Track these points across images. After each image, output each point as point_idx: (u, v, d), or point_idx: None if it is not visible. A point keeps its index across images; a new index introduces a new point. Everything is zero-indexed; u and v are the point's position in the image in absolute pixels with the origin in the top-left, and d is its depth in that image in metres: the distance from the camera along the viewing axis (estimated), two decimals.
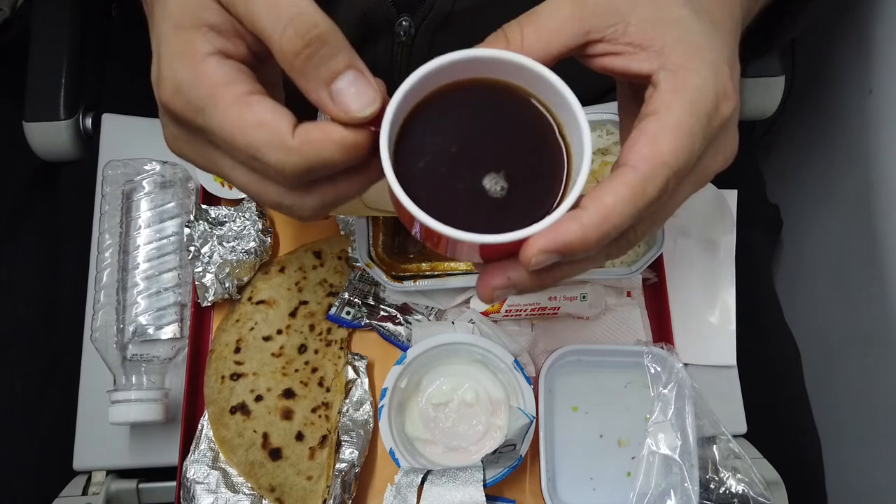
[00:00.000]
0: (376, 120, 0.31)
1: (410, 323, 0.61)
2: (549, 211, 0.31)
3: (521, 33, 0.33)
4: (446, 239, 0.31)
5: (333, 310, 0.61)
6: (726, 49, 0.35)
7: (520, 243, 0.31)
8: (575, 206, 0.31)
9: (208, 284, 0.60)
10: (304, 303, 0.62)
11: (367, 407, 0.58)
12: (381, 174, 0.31)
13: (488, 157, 0.33)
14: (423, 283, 0.59)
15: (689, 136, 0.32)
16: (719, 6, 0.37)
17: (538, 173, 0.34)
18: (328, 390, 0.59)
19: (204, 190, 0.63)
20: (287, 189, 0.33)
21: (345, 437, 0.57)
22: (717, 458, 0.58)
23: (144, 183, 0.62)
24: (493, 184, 0.33)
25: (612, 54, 0.34)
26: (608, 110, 0.61)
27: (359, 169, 0.33)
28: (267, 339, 0.61)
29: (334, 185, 0.33)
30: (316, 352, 0.60)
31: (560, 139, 0.34)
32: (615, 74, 0.35)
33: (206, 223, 0.61)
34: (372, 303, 0.62)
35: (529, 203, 0.33)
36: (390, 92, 0.31)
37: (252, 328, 0.61)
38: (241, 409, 0.58)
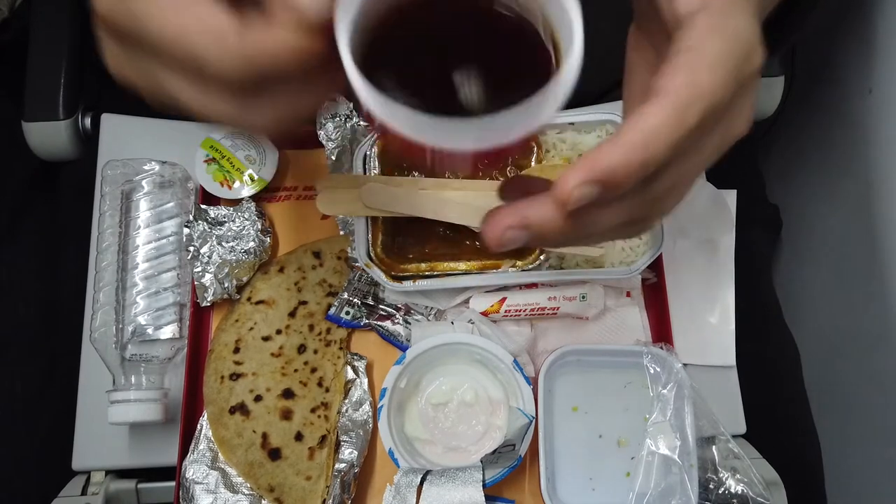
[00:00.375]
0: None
1: (410, 323, 0.61)
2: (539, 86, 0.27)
3: None
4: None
5: (333, 310, 0.61)
6: (755, 6, 0.34)
7: (511, 147, 0.27)
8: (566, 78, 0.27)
9: (207, 284, 0.60)
10: (304, 303, 0.62)
11: (367, 407, 0.58)
12: (344, 84, 0.27)
13: (467, 55, 0.29)
14: (422, 284, 0.59)
15: (725, 74, 0.29)
16: None
17: (521, 68, 0.30)
18: (327, 390, 0.59)
19: (203, 190, 0.63)
20: (234, 99, 0.30)
21: (344, 438, 0.57)
22: (717, 458, 0.58)
23: (144, 183, 0.62)
24: (475, 81, 0.29)
25: None
26: (608, 110, 0.61)
27: (318, 77, 0.30)
28: (266, 339, 0.61)
29: (290, 94, 0.30)
30: (315, 352, 0.60)
31: (542, 33, 0.30)
32: (650, 7, 0.32)
33: (205, 223, 0.61)
34: (371, 303, 0.62)
35: (516, 91, 0.28)
36: None
37: (251, 328, 0.61)
38: (241, 409, 0.58)
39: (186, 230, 0.60)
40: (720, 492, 0.56)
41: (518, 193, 0.33)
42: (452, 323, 0.60)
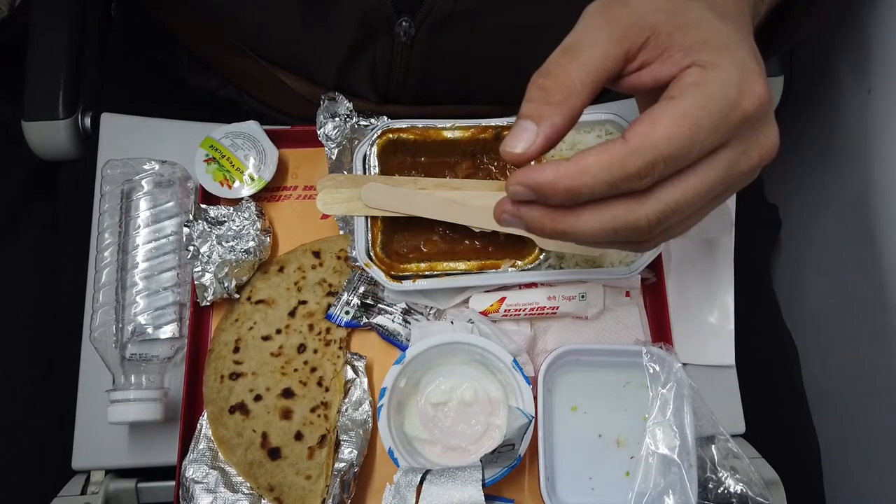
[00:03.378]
0: None
1: (409, 322, 0.61)
2: None
3: (568, 72, 0.34)
4: None
5: (332, 309, 0.61)
6: (748, 46, 0.35)
7: None
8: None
9: (207, 284, 0.60)
10: (303, 302, 0.62)
11: (366, 406, 0.59)
12: None
13: None
14: (421, 283, 0.59)
15: (692, 127, 0.32)
16: (732, 5, 0.37)
17: None
18: (327, 390, 0.59)
19: (203, 189, 0.63)
20: None
21: (344, 437, 0.57)
22: (716, 457, 0.58)
23: (143, 182, 0.62)
24: None
25: (644, 66, 0.35)
26: (608, 110, 0.61)
27: None
28: (266, 338, 0.61)
29: None
30: (315, 351, 0.60)
31: None
32: (644, 88, 0.36)
33: (205, 223, 0.61)
34: (371, 302, 0.62)
35: None
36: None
37: (251, 328, 0.61)
38: (240, 408, 0.58)
39: (186, 230, 0.60)
40: (719, 491, 0.57)
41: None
42: (452, 322, 0.60)
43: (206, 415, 0.59)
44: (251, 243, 0.61)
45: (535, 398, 0.57)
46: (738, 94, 0.33)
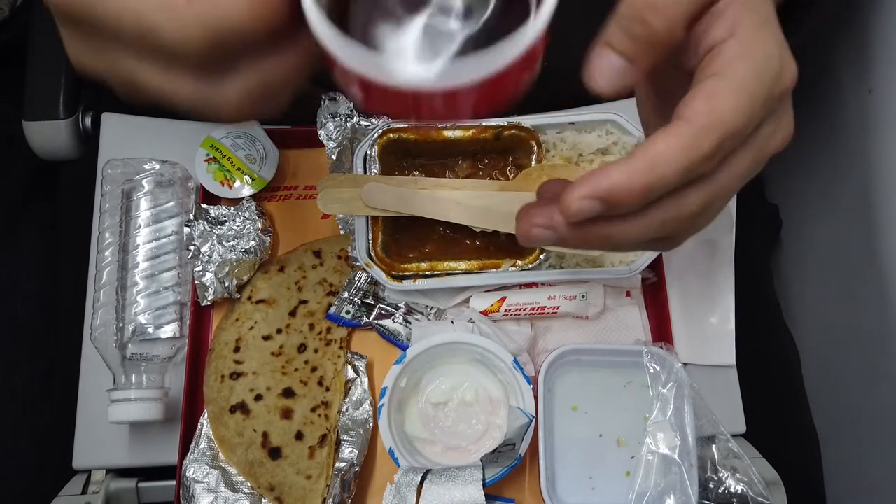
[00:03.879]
0: None
1: (410, 322, 0.61)
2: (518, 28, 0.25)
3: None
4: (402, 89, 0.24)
5: (333, 309, 0.61)
6: (778, 26, 0.34)
7: (506, 75, 0.25)
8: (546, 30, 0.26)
9: (208, 283, 0.60)
10: (304, 302, 0.62)
11: (367, 406, 0.59)
12: (315, 47, 0.25)
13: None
14: (422, 283, 0.59)
15: (749, 98, 0.30)
16: None
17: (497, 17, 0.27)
18: (328, 389, 0.59)
19: (204, 189, 0.63)
20: (199, 77, 0.28)
21: (344, 437, 0.57)
22: (716, 457, 0.58)
23: (144, 182, 0.62)
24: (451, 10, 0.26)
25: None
26: (608, 110, 0.61)
27: (287, 43, 0.28)
28: (266, 338, 0.61)
29: (258, 65, 0.28)
30: (315, 351, 0.60)
31: None
32: (681, 51, 0.33)
33: (205, 222, 0.61)
34: (371, 302, 0.62)
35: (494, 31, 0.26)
36: None
37: (252, 327, 0.61)
38: (241, 408, 0.58)
39: (187, 229, 0.60)
40: (720, 491, 0.57)
41: (554, 195, 0.34)
42: (452, 322, 0.60)
43: (206, 414, 0.59)
44: (252, 243, 0.61)
45: (536, 398, 0.57)
46: (781, 68, 0.32)
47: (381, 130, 0.61)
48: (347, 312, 0.61)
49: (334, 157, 0.62)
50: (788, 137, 0.35)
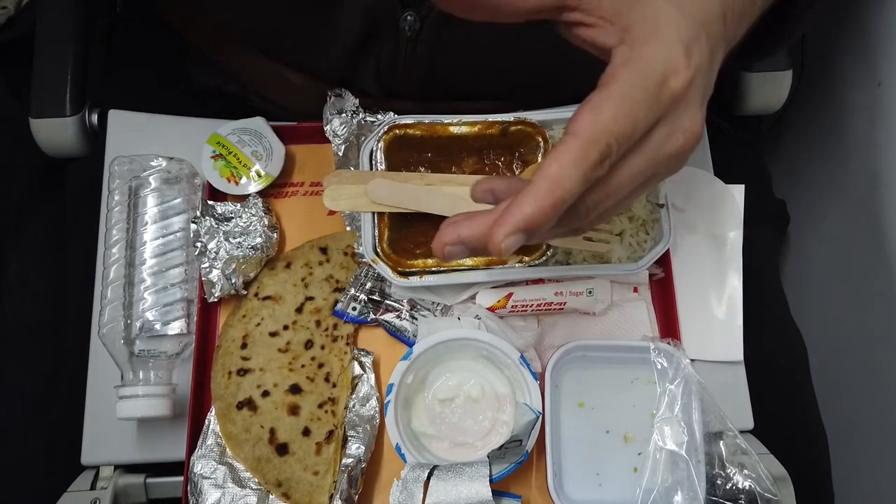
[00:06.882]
0: None
1: (416, 318, 0.61)
2: None
3: None
4: None
5: (339, 305, 0.62)
6: (689, 31, 0.36)
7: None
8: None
9: (214, 280, 0.60)
10: (311, 298, 0.62)
11: (374, 402, 0.59)
12: None
13: None
14: (428, 279, 0.59)
15: (631, 104, 0.33)
16: None
17: None
18: (334, 386, 0.59)
19: (210, 186, 0.63)
20: None
21: (351, 433, 0.57)
22: (724, 453, 0.57)
23: (151, 179, 0.62)
24: None
25: (584, 25, 0.36)
26: None
27: None
28: (273, 334, 0.61)
29: None
30: (322, 347, 0.61)
31: None
32: (584, 45, 0.37)
33: (212, 219, 0.61)
34: (378, 298, 0.62)
35: None
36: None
37: (258, 324, 0.61)
38: (248, 404, 0.58)
39: (193, 226, 0.60)
40: (728, 487, 0.56)
41: (488, 195, 0.41)
42: (459, 318, 0.60)
43: (213, 410, 0.59)
44: (258, 239, 0.61)
45: (543, 394, 0.57)
46: (665, 72, 0.34)
47: (387, 127, 0.61)
48: (354, 309, 0.61)
49: (340, 154, 0.62)
50: (692, 140, 0.37)
